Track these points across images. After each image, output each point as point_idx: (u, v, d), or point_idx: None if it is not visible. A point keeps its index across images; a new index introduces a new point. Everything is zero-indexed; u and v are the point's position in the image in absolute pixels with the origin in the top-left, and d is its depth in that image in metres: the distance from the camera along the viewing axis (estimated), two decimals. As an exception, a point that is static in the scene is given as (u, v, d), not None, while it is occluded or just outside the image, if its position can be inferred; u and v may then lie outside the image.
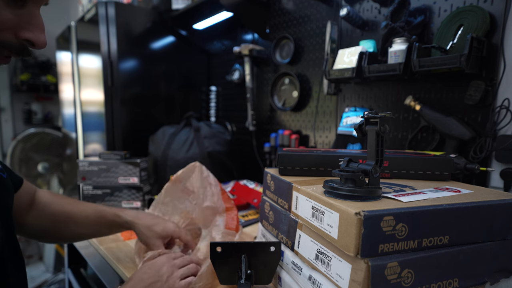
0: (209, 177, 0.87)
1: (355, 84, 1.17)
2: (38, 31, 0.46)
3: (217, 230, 0.77)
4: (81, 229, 0.79)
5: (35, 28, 0.46)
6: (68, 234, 0.80)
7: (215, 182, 0.87)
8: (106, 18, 1.56)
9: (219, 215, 0.81)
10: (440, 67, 0.83)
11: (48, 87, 3.28)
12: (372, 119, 0.50)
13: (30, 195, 0.76)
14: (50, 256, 2.98)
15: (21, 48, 0.47)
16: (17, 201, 0.69)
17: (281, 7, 1.43)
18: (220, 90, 1.87)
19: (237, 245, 0.60)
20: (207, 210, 0.83)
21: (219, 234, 0.77)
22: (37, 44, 0.46)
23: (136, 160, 1.19)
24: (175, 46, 1.80)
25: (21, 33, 0.45)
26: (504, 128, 0.83)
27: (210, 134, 1.50)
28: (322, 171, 0.66)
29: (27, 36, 0.45)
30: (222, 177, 1.51)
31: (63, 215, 0.78)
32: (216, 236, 0.76)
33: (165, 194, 0.90)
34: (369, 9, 1.10)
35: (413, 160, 0.67)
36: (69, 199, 0.82)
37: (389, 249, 0.44)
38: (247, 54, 1.47)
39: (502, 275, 0.52)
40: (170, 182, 0.89)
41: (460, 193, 0.55)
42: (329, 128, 1.28)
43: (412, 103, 0.97)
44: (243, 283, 0.57)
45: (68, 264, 1.39)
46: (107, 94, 1.60)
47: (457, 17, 0.87)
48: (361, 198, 0.48)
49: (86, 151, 1.98)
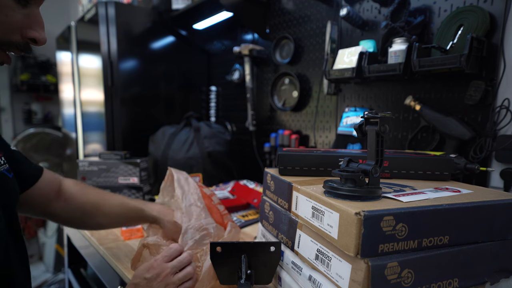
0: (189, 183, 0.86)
1: (355, 84, 1.17)
2: (40, 29, 0.48)
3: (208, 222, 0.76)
4: (107, 220, 0.82)
5: (38, 26, 0.48)
6: (94, 224, 0.84)
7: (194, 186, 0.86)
8: (106, 18, 1.56)
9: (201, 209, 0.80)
10: (440, 67, 0.83)
11: (48, 87, 3.28)
12: (372, 119, 0.50)
13: (55, 185, 0.78)
14: (50, 256, 2.98)
15: (25, 46, 0.49)
16: (40, 191, 0.73)
17: (281, 7, 1.43)
18: (220, 90, 1.87)
19: (237, 245, 0.60)
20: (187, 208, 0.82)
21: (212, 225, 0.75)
22: (39, 41, 0.49)
23: (136, 160, 1.19)
24: (175, 46, 1.80)
25: (27, 33, 0.47)
26: (504, 128, 0.83)
27: (210, 134, 1.50)
28: (322, 171, 0.66)
29: (32, 35, 0.48)
30: (222, 177, 1.51)
31: (90, 207, 0.80)
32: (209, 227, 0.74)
33: (162, 194, 0.90)
34: (369, 9, 1.10)
35: (413, 160, 0.67)
36: (94, 189, 0.84)
37: (389, 249, 0.44)
38: (247, 54, 1.48)
39: (502, 275, 0.52)
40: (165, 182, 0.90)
41: (460, 193, 0.55)
42: (329, 128, 1.28)
43: (412, 103, 0.97)
44: (243, 283, 0.57)
45: (68, 264, 1.39)
46: (107, 94, 1.60)
47: (457, 17, 0.87)
48: (361, 198, 0.48)
49: (86, 151, 1.98)
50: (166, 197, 0.90)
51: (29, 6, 0.46)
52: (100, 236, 1.00)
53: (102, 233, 1.02)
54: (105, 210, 0.81)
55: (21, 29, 0.47)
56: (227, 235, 0.76)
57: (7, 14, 0.44)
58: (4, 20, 0.44)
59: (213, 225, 0.76)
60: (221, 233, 0.76)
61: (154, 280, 0.60)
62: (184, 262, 0.64)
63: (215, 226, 0.76)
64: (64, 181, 0.81)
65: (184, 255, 0.65)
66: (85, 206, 0.80)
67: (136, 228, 1.00)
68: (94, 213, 0.80)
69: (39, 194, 0.73)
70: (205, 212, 0.79)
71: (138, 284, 0.60)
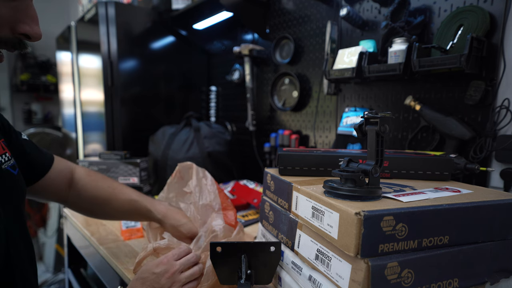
0: (206, 177, 0.87)
1: (355, 84, 1.17)
2: (33, 23, 0.45)
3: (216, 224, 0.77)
4: (115, 214, 0.86)
5: (31, 20, 0.44)
6: (103, 215, 0.90)
7: (211, 181, 0.87)
8: (106, 18, 1.56)
9: (216, 212, 0.81)
10: (440, 67, 0.83)
11: (48, 87, 3.28)
12: (372, 119, 0.50)
13: (67, 173, 0.80)
14: (50, 256, 2.98)
15: (17, 42, 0.45)
16: (52, 181, 0.75)
17: (281, 7, 1.43)
18: (220, 90, 1.87)
19: (237, 245, 0.60)
20: (203, 208, 0.83)
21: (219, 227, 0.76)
22: (33, 37, 0.45)
23: (136, 160, 1.19)
24: (175, 46, 1.80)
25: (18, 28, 0.44)
26: (504, 128, 0.83)
27: (210, 134, 1.50)
28: (322, 171, 0.66)
29: (24, 30, 0.44)
30: (222, 177, 1.51)
31: (100, 201, 0.83)
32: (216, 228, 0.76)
33: (168, 190, 0.91)
34: (369, 9, 1.10)
35: (413, 160, 0.67)
36: (106, 181, 0.85)
37: (389, 249, 0.44)
38: (247, 54, 1.47)
39: (502, 275, 0.52)
40: (172, 178, 0.90)
41: (460, 193, 0.55)
42: (329, 128, 1.28)
43: (412, 103, 0.97)
44: (243, 283, 0.57)
45: (68, 264, 1.39)
46: (107, 94, 1.60)
47: (457, 17, 0.87)
48: (361, 198, 0.48)
49: (86, 151, 1.98)
50: (171, 193, 0.91)
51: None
52: (100, 236, 1.00)
53: (102, 233, 1.02)
54: (115, 205, 0.83)
55: (10, 23, 0.43)
56: (234, 236, 0.76)
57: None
58: None
59: (221, 226, 0.76)
60: (228, 234, 0.76)
61: (162, 276, 0.60)
62: (191, 261, 0.65)
63: (223, 227, 0.76)
64: (76, 170, 0.83)
65: (191, 255, 0.66)
66: (95, 200, 0.82)
67: (136, 228, 1.00)
68: (104, 207, 0.83)
69: (50, 185, 0.76)
70: (218, 213, 0.81)
71: (147, 278, 0.60)
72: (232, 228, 0.78)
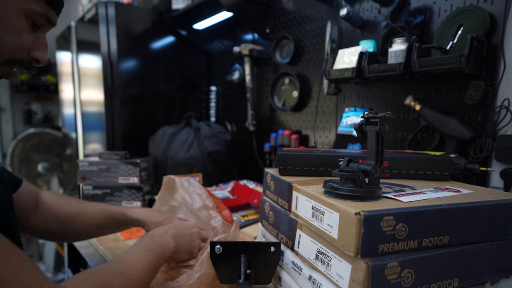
0: (191, 184, 0.88)
1: (355, 84, 1.17)
2: (44, 51, 0.56)
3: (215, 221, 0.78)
4: (86, 228, 0.80)
5: (43, 48, 0.56)
6: (73, 234, 0.82)
7: (198, 185, 0.89)
8: (106, 18, 1.56)
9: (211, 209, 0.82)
10: (440, 67, 0.83)
11: (48, 87, 3.28)
12: (372, 119, 0.50)
13: (33, 196, 0.76)
14: (50, 256, 2.98)
15: (28, 64, 0.56)
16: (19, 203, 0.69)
17: (281, 7, 1.43)
18: (220, 90, 1.87)
19: (237, 245, 0.60)
20: (199, 211, 0.84)
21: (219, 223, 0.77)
22: (41, 61, 0.56)
23: (136, 160, 1.19)
24: (175, 46, 1.80)
25: (33, 53, 0.55)
26: (504, 128, 0.83)
27: (210, 134, 1.50)
28: (322, 171, 0.66)
29: (36, 56, 0.55)
30: (222, 177, 1.51)
31: (68, 216, 0.78)
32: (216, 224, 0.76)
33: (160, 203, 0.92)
34: (369, 9, 1.10)
35: (413, 160, 0.67)
36: (73, 200, 0.82)
37: (389, 249, 0.44)
38: (247, 54, 1.48)
39: (502, 275, 0.52)
40: (162, 191, 0.91)
41: (460, 193, 0.55)
42: (329, 128, 1.28)
43: (412, 103, 0.97)
44: (242, 283, 0.57)
45: (68, 264, 1.39)
46: (107, 94, 1.60)
47: (457, 17, 0.87)
48: (361, 198, 0.47)
49: (86, 151, 1.98)
50: (164, 206, 0.91)
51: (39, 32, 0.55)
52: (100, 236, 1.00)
53: (102, 233, 1.02)
54: (84, 219, 0.78)
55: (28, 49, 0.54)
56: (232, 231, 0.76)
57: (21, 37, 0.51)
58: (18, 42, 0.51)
59: (220, 222, 0.77)
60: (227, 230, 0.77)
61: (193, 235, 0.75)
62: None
63: (222, 222, 0.77)
64: (42, 193, 0.79)
65: None
66: (62, 216, 0.77)
67: (136, 227, 0.99)
68: (72, 223, 0.78)
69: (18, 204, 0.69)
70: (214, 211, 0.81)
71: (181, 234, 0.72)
72: (229, 224, 0.78)
